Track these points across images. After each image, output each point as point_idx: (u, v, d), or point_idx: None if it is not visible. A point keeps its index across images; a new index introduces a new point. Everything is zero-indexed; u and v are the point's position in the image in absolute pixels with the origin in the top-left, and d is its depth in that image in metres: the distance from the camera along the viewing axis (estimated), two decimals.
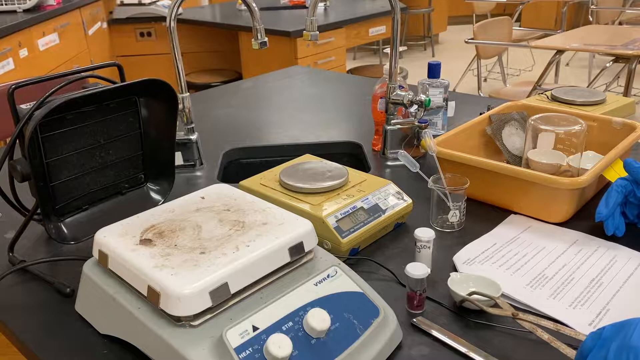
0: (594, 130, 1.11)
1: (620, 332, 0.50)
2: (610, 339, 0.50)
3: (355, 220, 0.86)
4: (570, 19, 5.67)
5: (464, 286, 0.74)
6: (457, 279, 0.75)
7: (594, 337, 0.52)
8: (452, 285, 0.74)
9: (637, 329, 0.49)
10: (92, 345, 0.69)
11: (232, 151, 1.33)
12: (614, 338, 0.50)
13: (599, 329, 0.52)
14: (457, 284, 0.75)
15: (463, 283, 0.75)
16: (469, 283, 0.75)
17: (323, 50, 3.11)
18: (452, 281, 0.75)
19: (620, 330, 0.50)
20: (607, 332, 0.51)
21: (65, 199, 0.87)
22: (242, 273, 0.62)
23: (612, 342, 0.50)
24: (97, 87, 0.85)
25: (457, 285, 0.74)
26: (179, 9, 1.12)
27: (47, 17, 2.72)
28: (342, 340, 0.62)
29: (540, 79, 2.89)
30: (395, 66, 1.17)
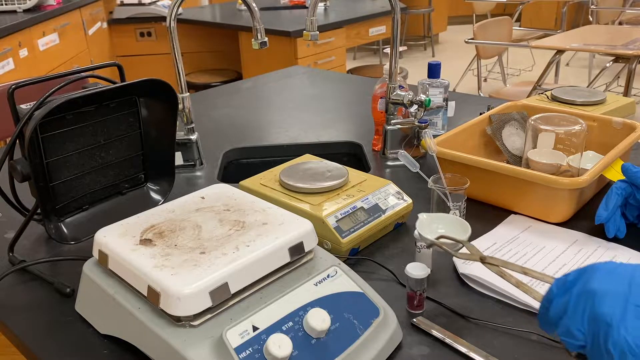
0: (594, 130, 1.11)
1: (582, 276, 0.50)
2: (573, 284, 0.50)
3: (355, 220, 0.86)
4: (570, 19, 5.67)
5: (433, 228, 0.70)
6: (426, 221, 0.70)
7: (559, 283, 0.52)
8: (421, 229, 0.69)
9: (596, 272, 0.49)
10: (92, 345, 0.69)
11: (232, 151, 1.33)
12: (576, 283, 0.50)
13: (565, 275, 0.52)
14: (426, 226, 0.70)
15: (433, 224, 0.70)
16: (439, 225, 0.71)
17: (323, 50, 3.11)
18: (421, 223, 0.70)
19: (582, 275, 0.50)
20: (571, 277, 0.51)
21: (65, 199, 0.87)
22: (242, 273, 0.62)
23: (574, 287, 0.50)
24: (97, 87, 0.85)
25: (425, 228, 0.69)
26: (179, 9, 1.12)
27: (47, 17, 2.72)
28: (342, 340, 0.62)
29: (540, 79, 2.89)
30: (395, 66, 1.17)
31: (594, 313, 0.47)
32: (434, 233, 0.69)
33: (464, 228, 0.70)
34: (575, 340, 0.49)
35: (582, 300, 0.48)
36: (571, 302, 0.49)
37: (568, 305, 0.50)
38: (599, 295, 0.47)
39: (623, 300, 0.46)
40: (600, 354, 0.46)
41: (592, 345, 0.47)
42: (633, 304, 0.45)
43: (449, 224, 0.72)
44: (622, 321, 0.45)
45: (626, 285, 0.46)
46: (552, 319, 0.52)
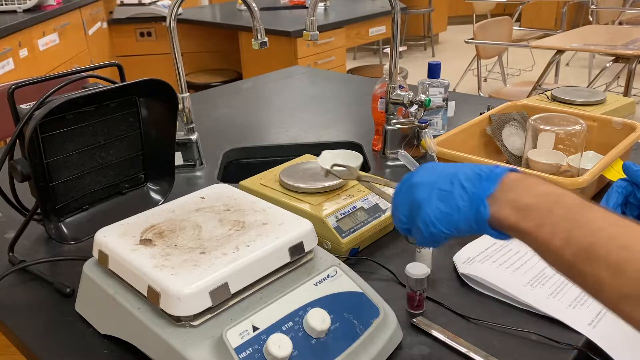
0: (594, 130, 1.11)
1: (410, 175, 0.62)
2: (404, 182, 0.62)
3: (355, 220, 0.86)
4: (570, 19, 5.67)
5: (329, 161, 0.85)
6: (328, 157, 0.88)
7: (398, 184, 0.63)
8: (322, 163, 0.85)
9: (418, 170, 0.61)
10: (92, 345, 0.69)
11: (232, 151, 1.33)
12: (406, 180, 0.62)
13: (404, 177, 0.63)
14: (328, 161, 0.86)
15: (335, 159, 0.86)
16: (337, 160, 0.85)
17: (323, 50, 3.11)
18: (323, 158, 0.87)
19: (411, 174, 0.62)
20: (405, 177, 0.62)
21: (65, 199, 0.87)
22: (242, 273, 0.62)
23: (404, 184, 0.62)
24: (97, 87, 0.85)
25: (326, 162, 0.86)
26: (179, 9, 1.11)
27: (47, 17, 2.72)
28: (342, 340, 0.62)
29: (540, 79, 2.89)
30: (395, 66, 1.17)
31: (411, 199, 0.59)
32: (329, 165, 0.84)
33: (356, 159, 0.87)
34: (402, 225, 0.61)
35: (406, 193, 0.60)
36: (400, 195, 0.62)
37: (399, 199, 0.62)
38: (415, 185, 0.59)
39: (430, 188, 0.57)
40: (416, 230, 0.59)
41: (411, 225, 0.60)
42: (437, 189, 0.57)
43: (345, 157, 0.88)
44: (428, 202, 0.57)
45: (435, 176, 0.58)
46: (392, 214, 0.64)
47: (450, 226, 0.56)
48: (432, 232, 0.57)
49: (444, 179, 0.57)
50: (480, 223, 0.54)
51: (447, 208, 0.56)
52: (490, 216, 0.53)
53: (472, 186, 0.55)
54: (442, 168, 0.59)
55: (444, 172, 0.58)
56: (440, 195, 0.56)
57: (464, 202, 0.55)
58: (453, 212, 0.55)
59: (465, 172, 0.56)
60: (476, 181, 0.55)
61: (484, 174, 0.55)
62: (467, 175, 0.56)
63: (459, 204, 0.55)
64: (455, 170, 0.57)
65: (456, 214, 0.55)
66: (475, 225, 0.55)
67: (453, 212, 0.55)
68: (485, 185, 0.54)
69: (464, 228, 0.56)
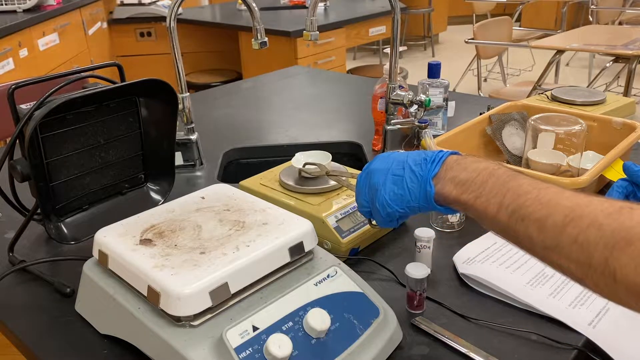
0: (594, 130, 1.11)
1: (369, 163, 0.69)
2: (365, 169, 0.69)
3: (355, 220, 0.86)
4: (570, 19, 5.67)
5: (302, 162, 0.91)
6: (300, 158, 0.94)
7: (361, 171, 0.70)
8: (295, 163, 0.93)
9: (376, 158, 0.69)
10: (92, 345, 0.69)
11: (232, 151, 1.33)
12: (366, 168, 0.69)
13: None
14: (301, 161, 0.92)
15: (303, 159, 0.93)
16: (309, 160, 0.92)
17: (323, 50, 3.11)
18: (296, 159, 0.94)
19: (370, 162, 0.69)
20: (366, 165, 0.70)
21: (65, 199, 0.87)
22: (242, 273, 0.62)
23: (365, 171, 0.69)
24: (97, 87, 0.85)
25: (299, 163, 0.92)
26: (179, 9, 1.11)
27: (47, 17, 2.72)
28: (342, 340, 0.62)
29: (540, 79, 2.89)
30: (395, 66, 1.17)
31: (369, 184, 0.67)
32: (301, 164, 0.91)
33: (326, 158, 0.93)
34: (364, 208, 0.70)
35: (365, 178, 0.69)
36: (360, 182, 0.69)
37: (361, 185, 0.69)
38: (372, 172, 0.67)
39: (385, 173, 0.65)
40: (375, 211, 0.67)
41: (371, 207, 0.68)
42: (391, 174, 0.65)
43: (316, 156, 0.94)
44: (384, 186, 0.65)
45: (389, 163, 0.66)
46: (356, 199, 0.71)
47: (404, 205, 0.64)
48: (388, 212, 0.65)
49: (396, 164, 0.65)
50: (428, 200, 0.62)
51: (400, 190, 0.63)
52: (436, 193, 0.61)
53: (419, 169, 0.63)
54: (395, 156, 0.67)
55: (396, 159, 0.66)
56: (394, 179, 0.64)
57: (413, 183, 0.63)
58: (405, 193, 0.63)
59: (414, 157, 0.64)
60: (423, 164, 0.63)
61: (429, 158, 0.63)
62: (416, 160, 0.64)
63: (409, 185, 0.63)
64: (405, 157, 0.65)
65: (407, 194, 0.63)
66: (425, 203, 0.62)
67: (405, 193, 0.63)
68: (430, 167, 0.62)
69: (416, 206, 0.63)
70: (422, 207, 0.63)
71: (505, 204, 0.54)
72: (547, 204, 0.51)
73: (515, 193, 0.54)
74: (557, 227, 0.50)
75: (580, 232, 0.48)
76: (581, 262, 0.48)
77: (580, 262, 0.48)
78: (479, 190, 0.57)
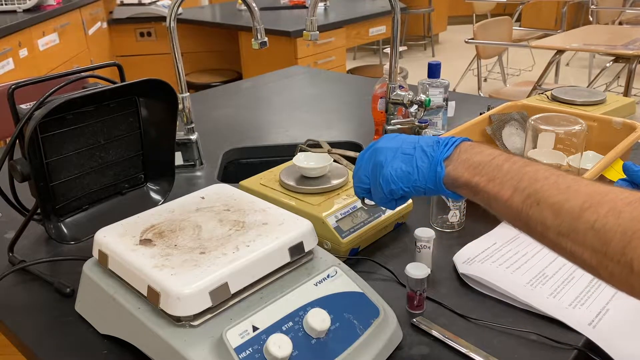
0: (594, 130, 1.11)
1: (375, 142, 0.69)
2: (369, 147, 0.69)
3: (355, 220, 0.86)
4: (570, 19, 5.67)
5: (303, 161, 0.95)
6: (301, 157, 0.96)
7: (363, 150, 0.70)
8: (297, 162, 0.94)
9: (383, 138, 0.68)
10: (92, 345, 0.69)
11: (232, 151, 1.33)
12: (371, 146, 0.69)
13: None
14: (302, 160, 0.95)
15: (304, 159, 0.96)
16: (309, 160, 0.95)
17: (323, 50, 3.11)
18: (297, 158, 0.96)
19: (375, 141, 0.69)
20: (370, 144, 0.69)
21: (65, 199, 0.87)
22: (242, 273, 0.62)
23: (369, 149, 0.69)
24: (97, 87, 0.85)
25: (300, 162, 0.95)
26: (179, 9, 1.11)
27: (47, 17, 2.72)
28: (342, 340, 0.62)
29: (540, 79, 2.89)
30: (395, 66, 1.17)
31: (375, 161, 0.67)
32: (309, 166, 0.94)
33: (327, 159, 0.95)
34: (363, 184, 0.69)
35: (370, 156, 0.68)
36: (364, 159, 0.69)
37: (363, 161, 0.69)
38: (380, 149, 0.66)
39: (394, 151, 0.65)
40: (376, 187, 0.67)
41: (372, 183, 0.68)
42: (400, 153, 0.64)
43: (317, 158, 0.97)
44: (391, 163, 0.64)
45: (399, 143, 0.66)
46: (353, 175, 0.71)
47: (409, 184, 0.63)
48: (392, 189, 0.64)
49: (407, 144, 0.65)
50: (436, 182, 0.61)
51: (408, 167, 0.63)
52: (446, 175, 0.60)
53: (431, 150, 0.62)
54: (405, 137, 0.67)
55: (407, 139, 0.66)
56: (403, 158, 0.64)
57: (423, 162, 0.62)
58: (413, 171, 0.63)
59: (426, 140, 0.65)
60: (435, 146, 0.62)
61: (442, 140, 0.63)
62: (428, 142, 0.64)
63: (419, 164, 0.62)
64: (417, 139, 0.66)
65: (415, 173, 0.62)
66: (432, 184, 0.62)
67: (413, 171, 0.63)
68: (443, 149, 0.61)
69: (421, 187, 0.63)
70: (428, 189, 0.62)
71: (520, 188, 0.53)
72: (566, 190, 0.50)
73: (532, 177, 0.53)
74: (574, 212, 0.49)
75: (598, 219, 0.47)
76: (597, 249, 0.47)
77: (595, 249, 0.47)
78: (493, 173, 0.56)
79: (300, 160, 0.95)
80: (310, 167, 0.93)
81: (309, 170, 0.93)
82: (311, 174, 0.93)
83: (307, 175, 0.93)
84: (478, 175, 0.57)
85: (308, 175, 0.93)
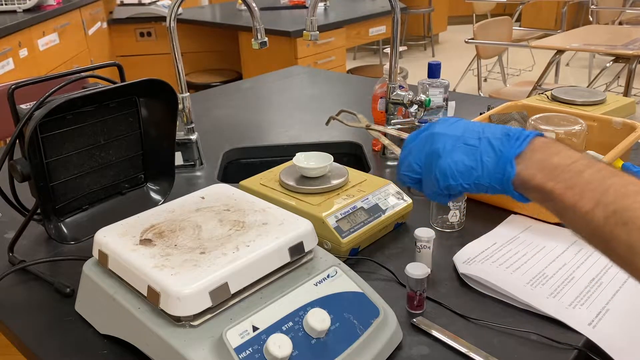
0: (594, 130, 1.11)
1: (430, 125, 0.61)
2: (422, 131, 0.62)
3: (355, 220, 0.86)
4: (570, 19, 5.67)
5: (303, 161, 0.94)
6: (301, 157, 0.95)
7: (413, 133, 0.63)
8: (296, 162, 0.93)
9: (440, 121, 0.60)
10: (92, 345, 0.69)
11: (232, 151, 1.33)
12: (425, 129, 0.61)
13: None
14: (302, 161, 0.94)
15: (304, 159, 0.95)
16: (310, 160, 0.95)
17: (323, 50, 3.11)
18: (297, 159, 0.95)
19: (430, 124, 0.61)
20: (423, 127, 0.62)
21: (65, 199, 0.87)
22: (242, 273, 0.62)
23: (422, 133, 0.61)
24: (97, 87, 0.85)
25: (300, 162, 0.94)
26: (179, 9, 1.11)
27: (47, 17, 2.72)
28: (342, 340, 0.62)
29: (540, 79, 2.89)
30: (395, 66, 1.17)
31: (430, 148, 0.59)
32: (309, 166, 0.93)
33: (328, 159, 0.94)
34: (413, 174, 0.61)
35: (424, 141, 0.60)
36: (416, 143, 0.61)
37: (414, 146, 0.61)
38: (437, 135, 0.58)
39: (454, 140, 0.57)
40: (429, 180, 0.59)
41: (425, 174, 0.60)
42: (463, 143, 0.57)
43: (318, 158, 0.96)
44: (450, 153, 0.57)
45: (461, 131, 0.58)
46: (401, 160, 0.63)
47: (471, 180, 0.56)
48: (450, 185, 0.57)
49: (470, 133, 0.57)
50: (504, 181, 0.54)
51: (472, 162, 0.55)
52: (516, 175, 0.53)
53: (500, 144, 0.55)
54: (467, 123, 0.59)
55: (469, 127, 0.58)
56: (466, 149, 0.56)
57: (489, 158, 0.55)
58: (477, 167, 0.55)
59: (493, 130, 0.57)
60: (504, 140, 0.55)
61: (513, 134, 0.55)
62: (495, 133, 0.56)
63: (484, 159, 0.55)
64: (482, 128, 0.57)
65: (480, 169, 0.55)
66: (498, 184, 0.55)
67: (477, 167, 0.55)
68: (514, 144, 0.54)
69: (485, 184, 0.56)
70: (492, 188, 0.56)
71: (604, 202, 0.47)
72: None
73: (620, 192, 0.47)
74: None
75: None
76: None
77: None
78: (572, 180, 0.49)
79: (300, 160, 0.95)
80: (310, 167, 0.92)
81: (309, 170, 0.93)
82: (311, 174, 0.93)
83: (307, 175, 0.93)
84: (553, 180, 0.51)
85: (308, 175, 0.93)
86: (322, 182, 0.92)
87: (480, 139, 0.56)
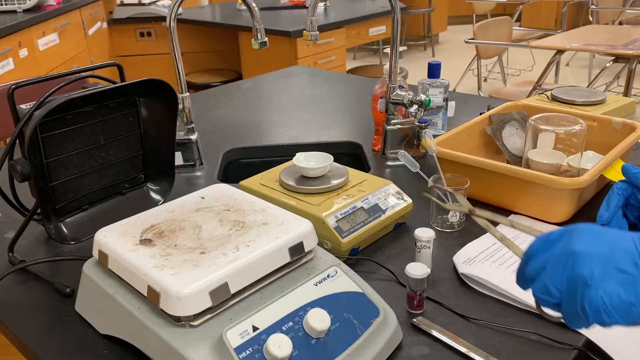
0: (594, 130, 1.11)
1: (565, 236, 0.50)
2: (555, 242, 0.51)
3: (355, 220, 0.86)
4: (570, 19, 5.67)
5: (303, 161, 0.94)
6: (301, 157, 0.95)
7: (541, 239, 0.52)
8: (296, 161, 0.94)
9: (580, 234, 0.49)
10: (92, 345, 0.69)
11: (232, 151, 1.33)
12: (559, 241, 0.50)
13: (548, 232, 0.52)
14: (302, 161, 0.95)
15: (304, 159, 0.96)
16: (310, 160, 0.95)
17: (323, 50, 3.11)
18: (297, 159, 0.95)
19: (565, 234, 0.50)
20: (554, 235, 0.51)
21: (65, 199, 0.87)
22: (242, 273, 0.62)
23: (556, 246, 0.50)
24: (97, 87, 0.85)
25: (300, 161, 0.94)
26: (179, 9, 1.11)
27: (47, 17, 2.72)
28: (342, 340, 0.62)
29: (540, 79, 2.89)
30: (395, 66, 1.17)
31: (573, 273, 0.47)
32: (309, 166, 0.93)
33: (327, 159, 0.94)
34: (550, 298, 0.50)
35: (562, 260, 0.49)
36: (551, 260, 0.50)
37: (548, 262, 0.50)
38: (581, 256, 0.47)
39: (603, 263, 0.46)
40: (574, 313, 0.48)
41: (568, 304, 0.48)
42: (614, 268, 0.46)
43: (318, 158, 0.96)
44: (600, 282, 0.46)
45: (608, 249, 0.47)
46: (530, 274, 0.52)
47: (630, 318, 0.46)
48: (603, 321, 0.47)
49: (622, 255, 0.46)
50: None
51: (631, 296, 0.45)
52: None
53: None
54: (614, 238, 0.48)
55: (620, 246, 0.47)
56: (620, 279, 0.46)
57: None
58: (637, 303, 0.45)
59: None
60: None
61: None
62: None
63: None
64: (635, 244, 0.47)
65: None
66: None
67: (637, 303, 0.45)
68: None
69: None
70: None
71: None
72: None
73: None
74: None
75: None
76: None
77: None
78: None
79: (300, 160, 0.95)
80: (310, 167, 0.92)
81: (309, 170, 0.93)
82: (311, 174, 0.93)
83: (307, 175, 0.93)
84: None
85: (308, 175, 0.93)
86: (322, 182, 0.92)
87: (637, 265, 0.46)
